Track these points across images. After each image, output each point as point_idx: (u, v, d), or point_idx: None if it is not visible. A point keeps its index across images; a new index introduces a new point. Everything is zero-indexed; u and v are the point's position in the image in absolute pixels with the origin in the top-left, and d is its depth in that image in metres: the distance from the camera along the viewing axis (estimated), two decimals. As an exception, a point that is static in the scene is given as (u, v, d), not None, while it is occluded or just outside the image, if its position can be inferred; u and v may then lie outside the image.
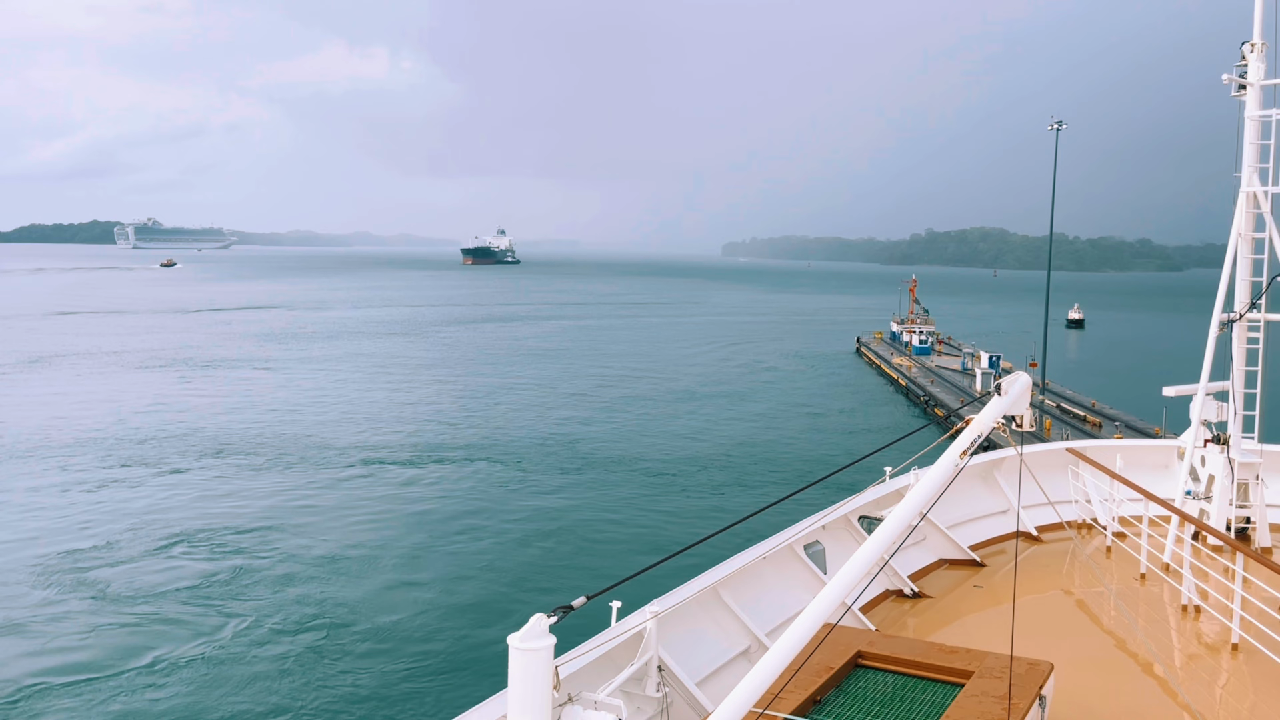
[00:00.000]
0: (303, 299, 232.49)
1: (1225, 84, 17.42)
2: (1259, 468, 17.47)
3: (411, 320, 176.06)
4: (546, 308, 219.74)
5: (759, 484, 57.67)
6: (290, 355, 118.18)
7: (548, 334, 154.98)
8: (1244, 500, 17.48)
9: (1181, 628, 13.92)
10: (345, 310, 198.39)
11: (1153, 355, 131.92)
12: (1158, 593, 15.18)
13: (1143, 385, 20.92)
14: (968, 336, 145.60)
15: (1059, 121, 77.54)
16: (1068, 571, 16.47)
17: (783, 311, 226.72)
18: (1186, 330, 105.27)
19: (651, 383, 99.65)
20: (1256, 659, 12.35)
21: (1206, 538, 16.28)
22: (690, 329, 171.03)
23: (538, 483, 57.03)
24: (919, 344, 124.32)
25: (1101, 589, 15.26)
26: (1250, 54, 17.14)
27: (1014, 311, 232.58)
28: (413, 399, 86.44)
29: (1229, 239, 17.47)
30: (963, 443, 7.96)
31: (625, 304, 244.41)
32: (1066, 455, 19.29)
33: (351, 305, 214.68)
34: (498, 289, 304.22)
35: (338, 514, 49.94)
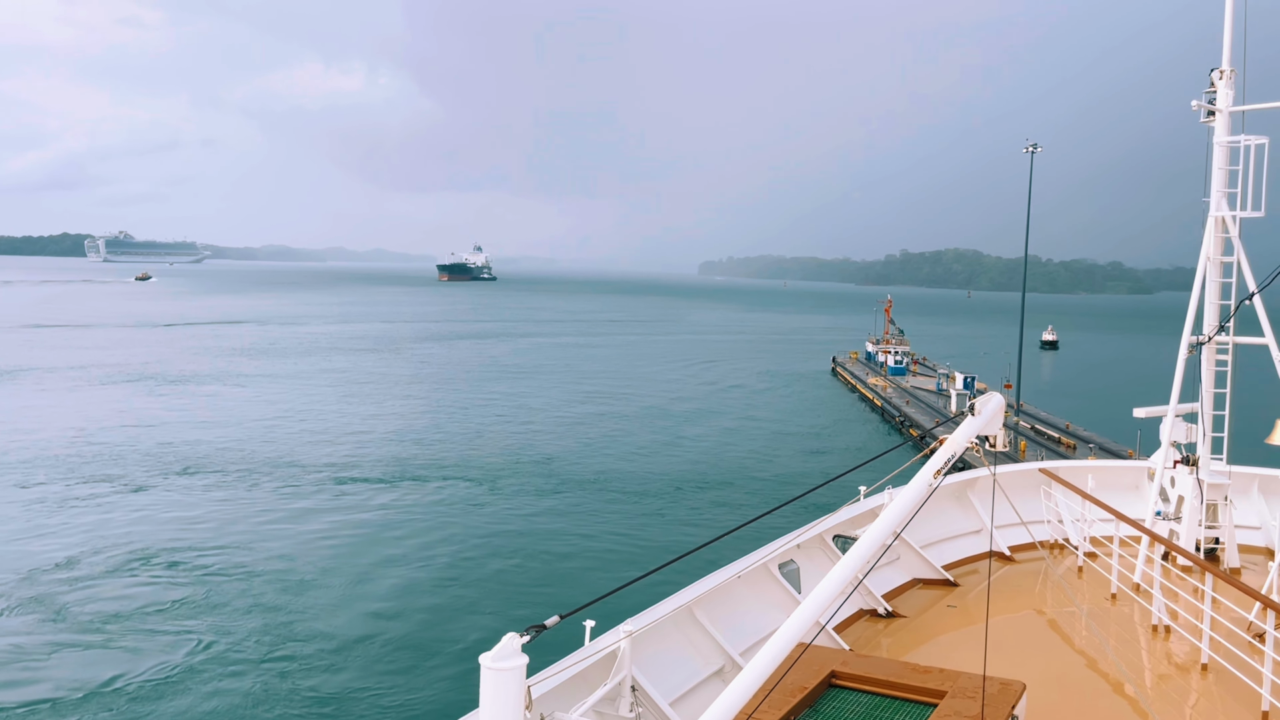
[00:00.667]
0: (275, 314, 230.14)
1: (1195, 110, 17.69)
2: (1227, 489, 17.69)
3: (385, 337, 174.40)
4: (522, 325, 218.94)
5: (734, 503, 57.00)
6: (261, 371, 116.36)
7: (523, 351, 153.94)
8: (1213, 521, 17.70)
9: (1152, 648, 13.98)
10: (318, 326, 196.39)
11: (1125, 377, 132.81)
12: (1128, 612, 15.26)
13: (1115, 407, 20.86)
14: (942, 357, 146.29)
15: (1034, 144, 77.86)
16: (1040, 591, 16.58)
17: (759, 331, 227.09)
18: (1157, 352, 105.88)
19: (627, 401, 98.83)
20: (1225, 679, 12.41)
21: (1176, 558, 16.55)
22: (667, 348, 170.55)
23: (511, 501, 56.10)
24: (894, 364, 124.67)
25: (1073, 609, 15.34)
26: (1219, 81, 17.49)
27: (988, 332, 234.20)
28: (386, 416, 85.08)
29: (1198, 263, 17.67)
30: (936, 462, 7.97)
31: (602, 322, 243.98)
32: (1039, 476, 19.47)
33: (324, 321, 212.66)
34: (473, 306, 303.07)
35: (307, 532, 48.81)
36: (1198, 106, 17.72)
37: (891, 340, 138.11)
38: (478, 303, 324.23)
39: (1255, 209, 17.34)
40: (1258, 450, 18.01)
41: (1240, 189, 17.26)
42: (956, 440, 8.20)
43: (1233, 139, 17.31)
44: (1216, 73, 17.61)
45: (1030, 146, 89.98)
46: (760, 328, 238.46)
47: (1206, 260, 17.54)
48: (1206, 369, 17.62)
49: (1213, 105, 17.57)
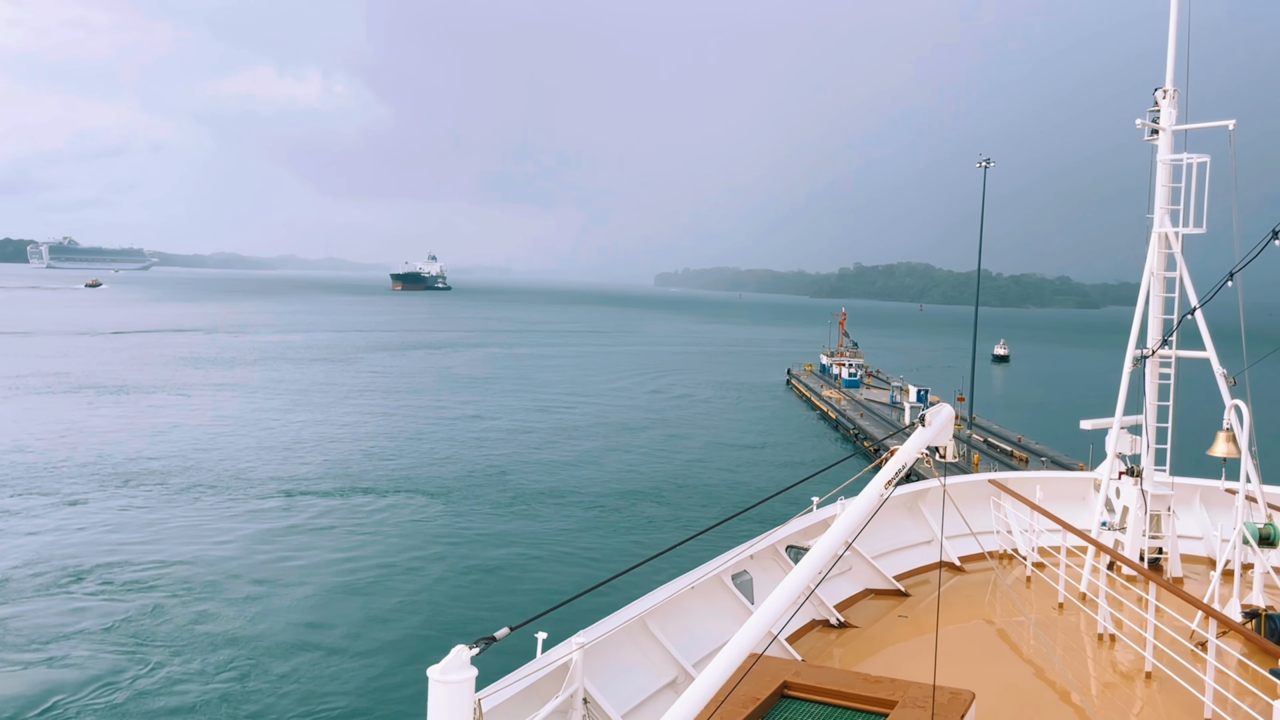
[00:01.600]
0: (223, 322, 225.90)
1: (1139, 129, 17.99)
2: (1170, 499, 17.98)
3: (336, 346, 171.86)
4: (477, 335, 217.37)
5: (688, 514, 56.88)
6: (208, 381, 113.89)
7: (477, 362, 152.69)
8: (1156, 531, 17.97)
9: (1098, 656, 14.20)
10: (267, 335, 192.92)
11: (1074, 389, 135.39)
12: (1075, 622, 15.47)
13: (1065, 419, 21.33)
14: (896, 370, 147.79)
15: (987, 159, 78.91)
16: (989, 601, 16.68)
17: (715, 342, 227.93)
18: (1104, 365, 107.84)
19: (582, 413, 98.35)
20: (1169, 687, 12.62)
21: (1121, 568, 16.68)
22: (622, 358, 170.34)
23: (463, 513, 55.41)
24: (848, 377, 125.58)
25: (1021, 618, 15.51)
26: (1162, 100, 17.78)
27: (940, 345, 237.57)
28: (335, 428, 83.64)
29: (1143, 278, 17.91)
30: (887, 473, 8.02)
31: (557, 332, 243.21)
32: (988, 487, 19.64)
33: (274, 330, 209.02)
34: (427, 315, 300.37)
35: (252, 546, 47.67)
36: (1142, 125, 18.01)
37: (845, 353, 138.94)
38: (431, 312, 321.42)
39: (1197, 226, 17.63)
40: (1199, 462, 18.17)
41: (1183, 206, 17.52)
42: (907, 451, 8.23)
43: (1175, 157, 17.59)
44: (1160, 92, 17.88)
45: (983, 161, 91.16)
46: (716, 339, 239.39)
47: (1150, 276, 17.82)
48: (1150, 382, 17.88)
49: (1156, 124, 17.86)
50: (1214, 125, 17.46)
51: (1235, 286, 16.51)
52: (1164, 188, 17.69)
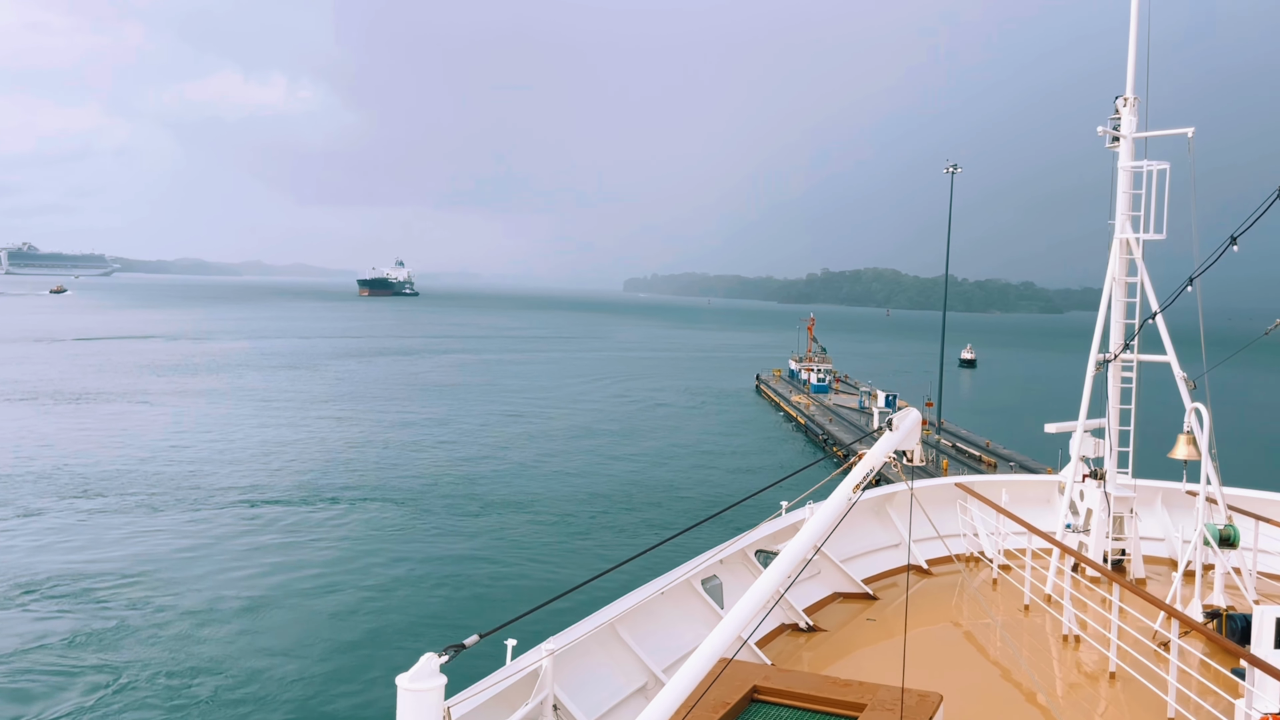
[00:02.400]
0: (186, 329, 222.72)
1: (1100, 136, 18.17)
2: (1133, 501, 18.15)
3: (302, 353, 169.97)
4: (444, 341, 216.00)
5: (658, 520, 56.80)
6: (170, 389, 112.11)
7: (445, 368, 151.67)
8: (1119, 533, 18.14)
9: (1063, 657, 14.32)
10: (231, 342, 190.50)
11: (1039, 393, 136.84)
12: (1040, 623, 15.57)
13: (1032, 423, 21.60)
14: (864, 375, 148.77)
15: (954, 165, 79.26)
16: (956, 604, 16.76)
17: (685, 348, 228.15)
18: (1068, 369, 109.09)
19: (551, 419, 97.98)
20: (1132, 687, 12.77)
21: (1085, 569, 16.82)
22: (592, 364, 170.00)
23: (432, 521, 54.91)
24: (817, 382, 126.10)
25: (988, 620, 15.60)
26: (1123, 108, 18.02)
27: (908, 350, 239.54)
28: (301, 436, 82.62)
29: (1105, 283, 18.13)
30: (855, 477, 8.05)
31: (526, 338, 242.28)
32: (955, 490, 19.80)
33: (238, 336, 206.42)
34: (394, 321, 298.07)
35: (217, 557, 46.92)
36: (1103, 132, 18.20)
37: (814, 358, 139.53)
38: (399, 318, 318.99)
39: (1158, 232, 17.84)
40: (1161, 464, 18.41)
41: (1143, 213, 17.73)
42: (875, 455, 8.27)
43: (1136, 164, 17.81)
44: (1120, 100, 18.11)
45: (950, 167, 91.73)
46: (686, 345, 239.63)
47: (1112, 281, 18.04)
48: (1113, 386, 18.07)
49: (1117, 131, 18.05)
50: (1173, 133, 17.70)
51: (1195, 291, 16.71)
52: (1125, 194, 17.91)
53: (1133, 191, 17.88)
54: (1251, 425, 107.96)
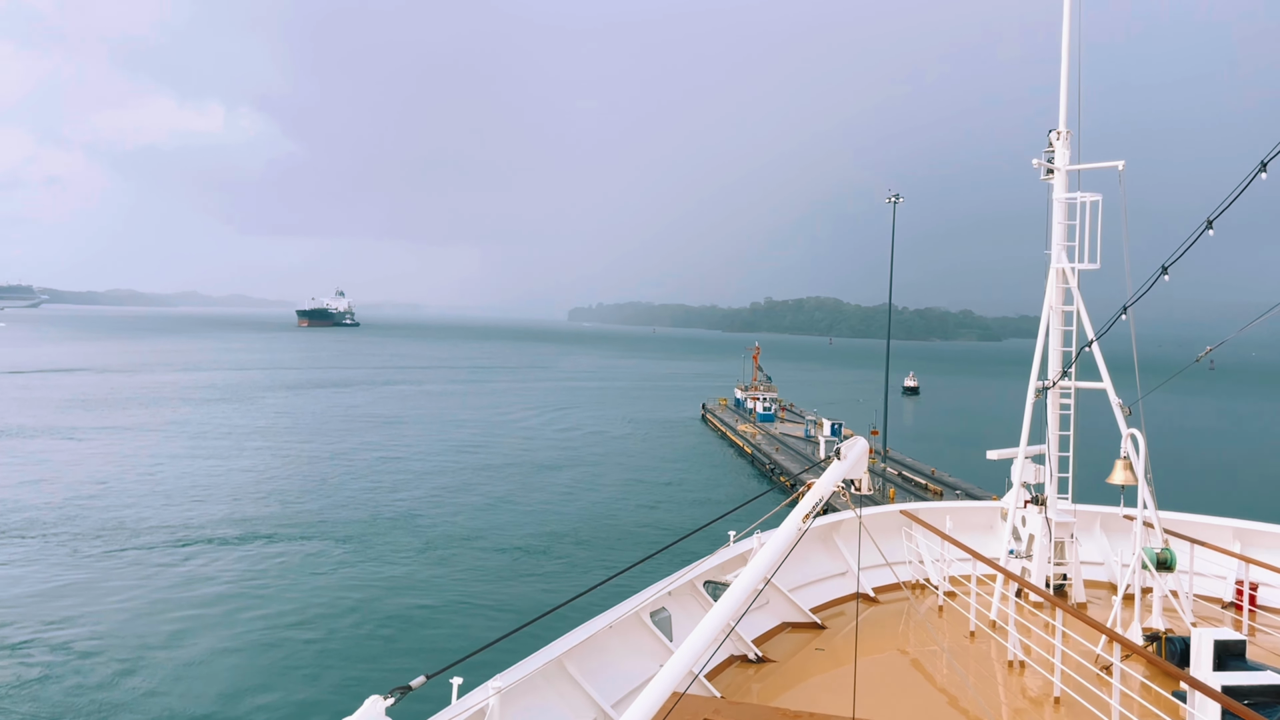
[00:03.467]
0: (116, 362, 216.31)
1: (1035, 168, 18.59)
2: (1073, 527, 18.41)
3: (238, 386, 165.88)
4: (386, 372, 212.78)
5: (606, 554, 56.11)
6: (95, 423, 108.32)
7: (386, 400, 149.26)
8: (1060, 558, 18.36)
9: (1008, 683, 14.41)
10: (163, 374, 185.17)
11: (982, 420, 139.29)
12: (986, 649, 15.70)
13: (975, 450, 21.86)
14: (809, 403, 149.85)
15: (896, 195, 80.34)
16: (903, 631, 16.83)
17: (630, 377, 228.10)
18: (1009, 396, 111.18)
19: (494, 452, 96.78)
20: (1076, 711, 12.90)
21: (1029, 595, 17.14)
22: (536, 395, 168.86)
23: (373, 560, 53.41)
24: (763, 411, 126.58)
25: (935, 647, 15.71)
26: (1057, 141, 18.45)
27: (851, 378, 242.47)
28: (235, 472, 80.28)
29: (1042, 312, 18.41)
30: (805, 506, 8.03)
31: (469, 369, 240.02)
32: (900, 518, 19.94)
33: (171, 369, 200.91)
34: (334, 353, 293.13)
35: (145, 600, 44.98)
36: (1038, 165, 18.61)
37: (760, 387, 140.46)
38: (339, 349, 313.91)
39: (1092, 261, 18.19)
40: (1100, 489, 18.60)
41: (1078, 243, 18.13)
42: (824, 484, 8.28)
43: (1070, 196, 18.22)
44: (1054, 133, 18.53)
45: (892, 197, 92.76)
46: (631, 374, 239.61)
47: (1050, 309, 18.34)
48: (1052, 413, 18.33)
49: (1051, 164, 18.46)
50: (1105, 166, 18.12)
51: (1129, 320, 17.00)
52: (1060, 225, 18.30)
53: (1067, 222, 18.26)
54: (1185, 449, 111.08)
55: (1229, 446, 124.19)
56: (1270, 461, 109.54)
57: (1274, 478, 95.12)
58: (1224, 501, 73.17)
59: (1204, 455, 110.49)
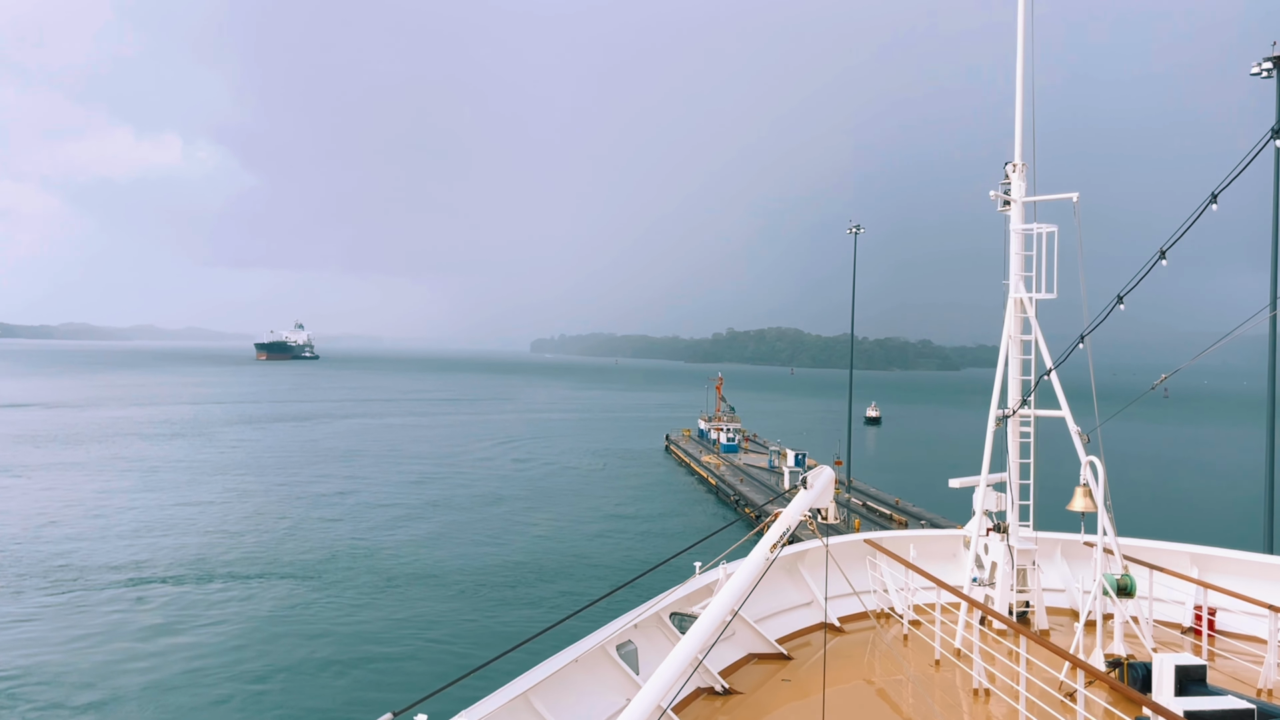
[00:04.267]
0: (67, 396, 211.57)
1: (992, 200, 18.91)
2: (1034, 554, 18.51)
3: (193, 421, 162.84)
4: (345, 405, 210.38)
5: (571, 588, 55.59)
6: (44, 460, 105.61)
7: (346, 434, 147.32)
8: (1023, 585, 18.47)
9: (974, 711, 14.35)
10: (116, 410, 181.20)
11: (943, 448, 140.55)
12: (951, 678, 15.64)
13: (938, 479, 22.10)
14: (772, 434, 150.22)
15: (857, 225, 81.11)
16: (869, 661, 16.76)
17: (593, 408, 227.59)
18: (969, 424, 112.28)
19: (457, 486, 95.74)
20: None
21: (992, 622, 17.14)
22: (499, 427, 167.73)
23: (336, 598, 52.40)
24: (726, 442, 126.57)
25: (901, 676, 15.65)
26: (1013, 173, 18.74)
27: (813, 408, 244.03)
28: (190, 509, 78.48)
29: (1001, 341, 18.56)
30: (773, 536, 7.98)
31: (430, 401, 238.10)
32: (864, 546, 19.89)
33: (124, 404, 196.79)
34: (293, 386, 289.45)
35: (94, 646, 43.53)
36: (995, 196, 18.93)
37: (723, 417, 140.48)
38: (298, 383, 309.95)
39: (1049, 291, 18.44)
40: (1060, 516, 18.75)
41: (1035, 273, 18.36)
42: (790, 514, 8.27)
43: (1026, 227, 18.48)
44: (1010, 165, 18.85)
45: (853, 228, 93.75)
46: (594, 405, 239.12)
47: (1008, 339, 18.50)
48: (1012, 441, 18.44)
49: (1008, 195, 18.76)
50: (1060, 197, 18.42)
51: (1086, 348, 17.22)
52: (1017, 255, 18.54)
53: (1024, 253, 18.50)
54: (1142, 476, 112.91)
55: (1184, 473, 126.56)
56: (1224, 487, 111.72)
57: (1228, 503, 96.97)
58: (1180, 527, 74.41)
59: (1161, 481, 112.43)
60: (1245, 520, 78.40)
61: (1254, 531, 47.90)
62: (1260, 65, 38.08)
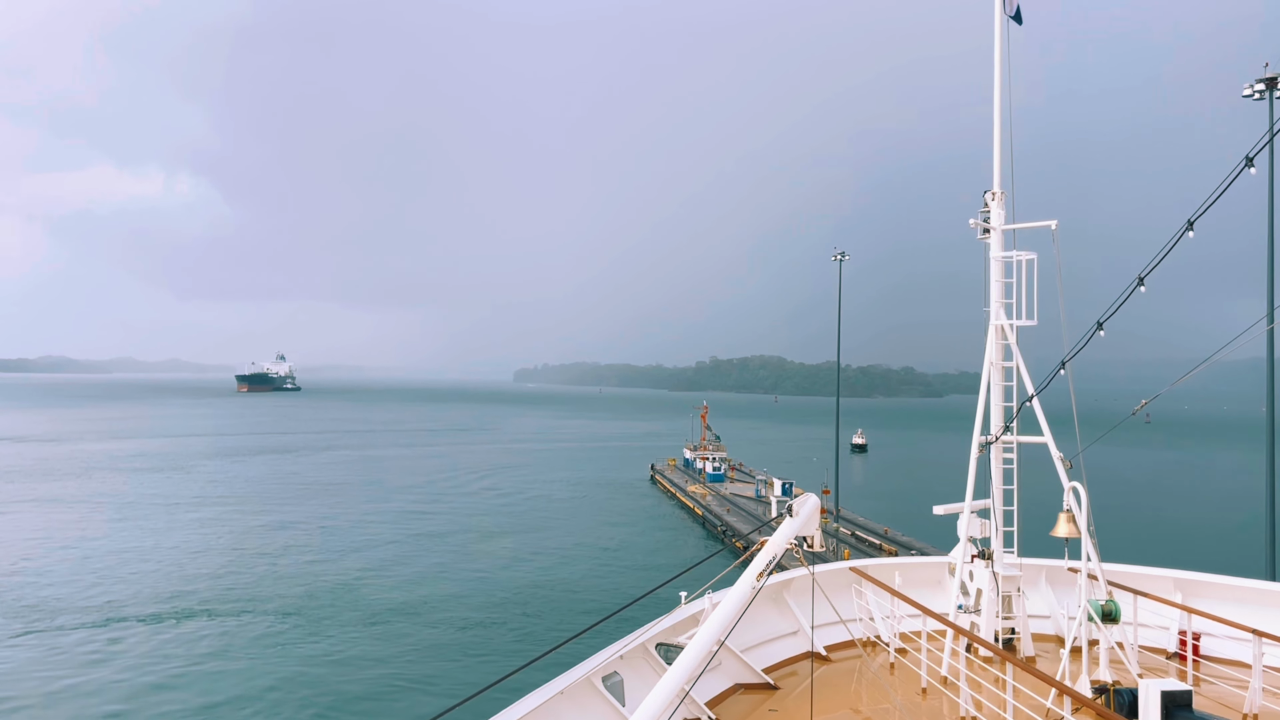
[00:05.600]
0: (44, 430, 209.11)
1: (972, 228, 18.94)
2: (1019, 580, 18.40)
3: (172, 454, 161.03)
4: (328, 437, 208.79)
5: (556, 620, 55.08)
6: (16, 495, 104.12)
7: (327, 466, 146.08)
8: (1008, 612, 18.36)
9: None
10: (92, 443, 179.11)
11: (929, 475, 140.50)
12: (938, 705, 15.51)
13: (925, 506, 21.95)
14: (757, 462, 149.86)
15: (841, 253, 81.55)
16: (856, 689, 16.61)
17: (577, 438, 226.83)
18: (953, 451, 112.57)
19: (440, 518, 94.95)
20: None
21: (979, 649, 16.99)
22: (482, 457, 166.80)
23: (315, 635, 51.65)
24: (712, 471, 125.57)
25: (888, 705, 15.50)
26: (992, 202, 18.84)
27: (798, 436, 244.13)
28: (167, 544, 77.41)
29: (983, 368, 18.54)
30: (759, 565, 8.05)
31: (414, 432, 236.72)
32: (850, 574, 19.80)
33: (102, 437, 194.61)
34: (274, 418, 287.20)
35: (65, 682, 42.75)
36: (975, 224, 19.02)
37: (709, 446, 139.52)
38: (279, 414, 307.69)
39: (1029, 318, 18.51)
40: (1043, 543, 18.69)
41: (1015, 300, 18.39)
42: (776, 542, 8.27)
43: (1006, 254, 18.54)
44: (989, 194, 18.98)
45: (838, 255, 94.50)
46: (578, 435, 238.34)
47: (990, 366, 18.53)
48: (996, 467, 18.40)
49: (987, 224, 18.86)
50: (1039, 225, 18.53)
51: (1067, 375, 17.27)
52: (997, 283, 18.59)
53: (1005, 280, 18.56)
54: (1125, 501, 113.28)
55: (1166, 497, 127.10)
56: (1206, 511, 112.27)
57: (1210, 528, 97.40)
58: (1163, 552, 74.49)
59: (1144, 506, 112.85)
60: (1230, 544, 78.76)
61: (1239, 555, 48.04)
62: (1252, 87, 38.76)
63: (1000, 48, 19.03)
